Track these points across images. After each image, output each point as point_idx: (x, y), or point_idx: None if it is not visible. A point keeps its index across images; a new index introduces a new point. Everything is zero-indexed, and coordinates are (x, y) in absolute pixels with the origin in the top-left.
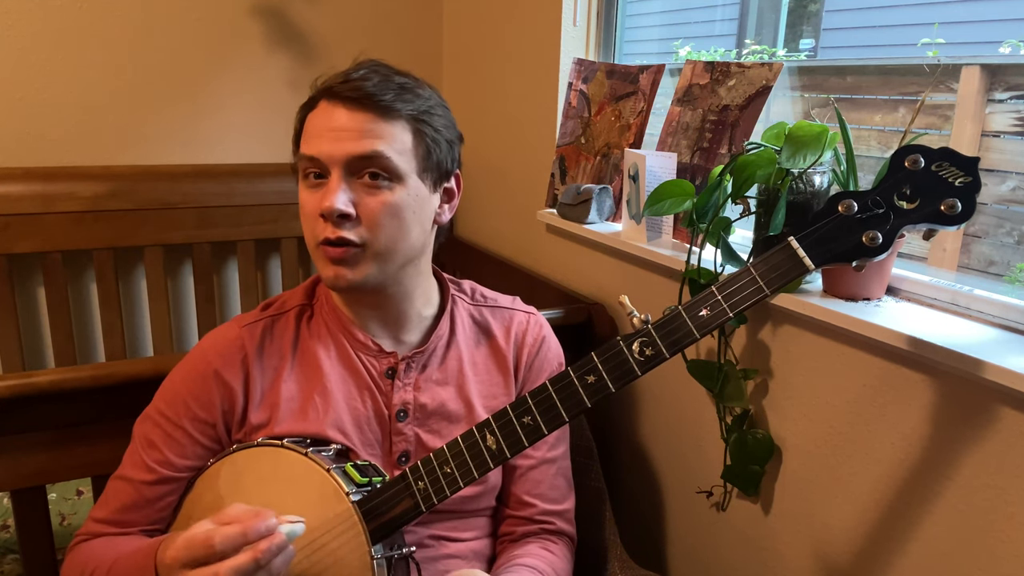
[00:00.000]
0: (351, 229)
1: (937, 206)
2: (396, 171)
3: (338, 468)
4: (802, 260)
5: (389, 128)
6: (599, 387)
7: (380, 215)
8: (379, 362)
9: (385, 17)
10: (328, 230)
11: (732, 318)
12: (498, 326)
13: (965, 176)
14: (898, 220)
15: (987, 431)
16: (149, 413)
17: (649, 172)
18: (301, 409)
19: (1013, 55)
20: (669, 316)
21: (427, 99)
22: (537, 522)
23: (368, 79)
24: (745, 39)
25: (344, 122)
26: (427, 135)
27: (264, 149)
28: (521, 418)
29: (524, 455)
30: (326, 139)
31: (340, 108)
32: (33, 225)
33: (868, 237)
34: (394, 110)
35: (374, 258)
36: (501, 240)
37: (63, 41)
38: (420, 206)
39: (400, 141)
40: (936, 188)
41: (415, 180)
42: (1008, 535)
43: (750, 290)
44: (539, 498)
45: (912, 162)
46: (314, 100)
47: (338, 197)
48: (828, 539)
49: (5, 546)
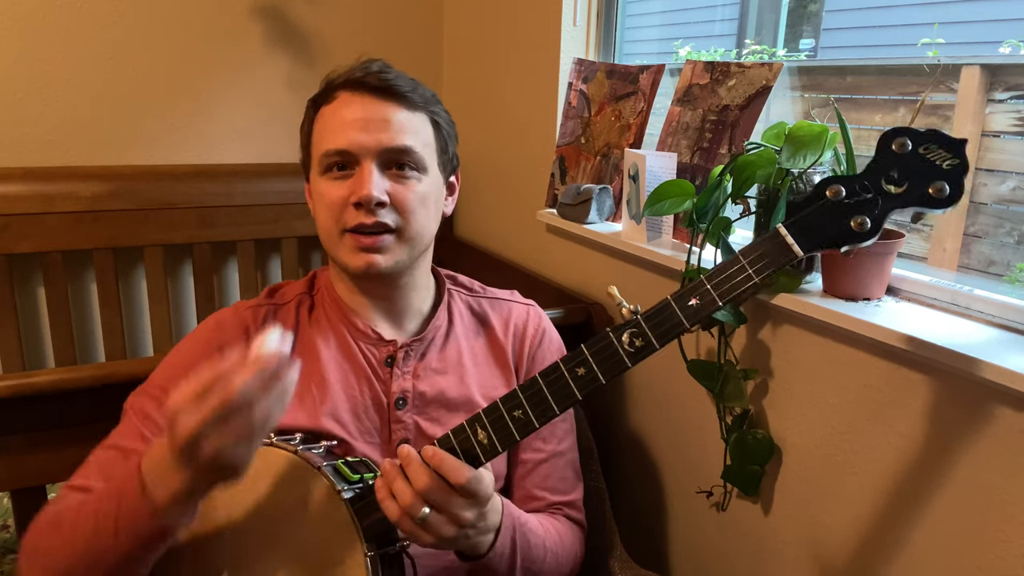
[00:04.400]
0: (387, 215)
1: (925, 189)
2: (423, 164)
3: (329, 465)
4: (791, 247)
5: (414, 119)
6: (589, 379)
7: (412, 203)
8: (378, 350)
9: (385, 17)
10: (362, 216)
11: (722, 307)
12: (496, 318)
13: (952, 158)
14: (886, 204)
15: (987, 431)
16: (145, 388)
17: (649, 172)
18: (298, 397)
19: (1013, 55)
20: (659, 307)
21: (433, 95)
22: (547, 513)
23: (387, 71)
24: (745, 39)
25: (372, 111)
26: (443, 128)
27: (264, 149)
28: (512, 411)
29: (534, 448)
30: (354, 129)
31: (366, 97)
32: (33, 225)
33: (856, 222)
34: (415, 102)
35: (406, 243)
36: (501, 240)
37: (63, 41)
38: (439, 197)
39: (424, 133)
40: (924, 171)
41: (436, 171)
42: (1008, 535)
43: (739, 278)
44: (548, 491)
45: (899, 145)
46: (329, 93)
47: (376, 184)
48: (828, 539)
49: (5, 546)
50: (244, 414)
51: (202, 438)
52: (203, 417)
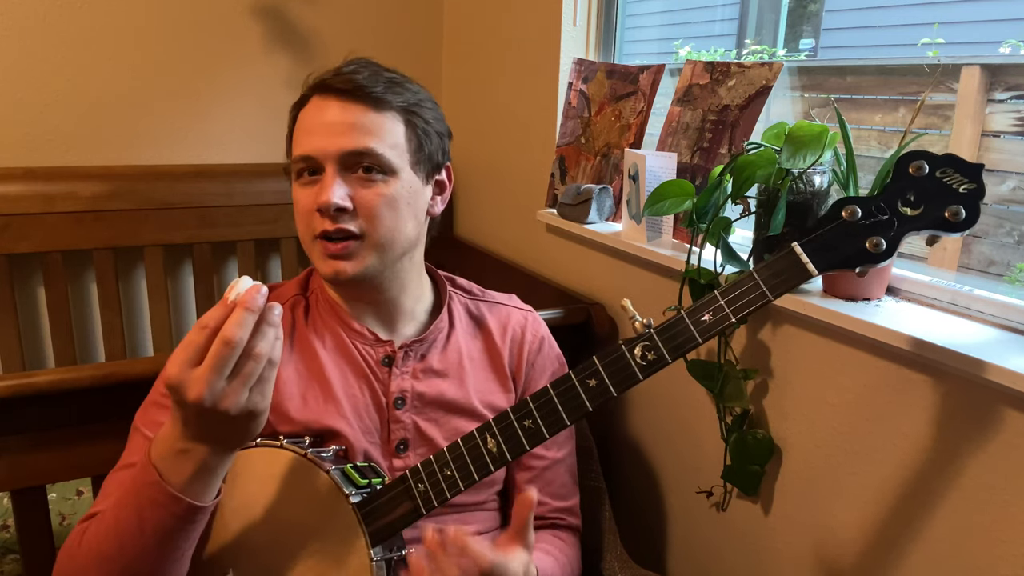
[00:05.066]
0: (350, 221)
1: (941, 213)
2: (390, 165)
3: (337, 469)
4: (805, 266)
5: (381, 120)
6: (600, 390)
7: (377, 207)
8: (375, 351)
9: (385, 17)
10: (326, 223)
11: (735, 323)
12: (494, 321)
13: (969, 183)
14: (902, 226)
15: (987, 431)
16: (153, 399)
17: (649, 172)
18: (301, 396)
19: (1013, 55)
20: (672, 321)
21: (416, 92)
22: (548, 519)
23: (359, 72)
24: (745, 39)
25: (336, 115)
26: (418, 127)
27: (264, 149)
28: (522, 421)
29: (537, 456)
30: (318, 134)
31: (332, 101)
32: (33, 225)
33: (872, 243)
34: (385, 101)
35: (373, 249)
36: (501, 240)
37: (63, 41)
38: (414, 198)
39: (393, 134)
40: (940, 195)
41: (408, 172)
42: (1009, 535)
43: (753, 295)
44: (551, 496)
45: (916, 168)
46: (305, 97)
47: (335, 191)
48: (828, 539)
49: (5, 546)
50: (245, 359)
51: (218, 399)
52: (208, 375)
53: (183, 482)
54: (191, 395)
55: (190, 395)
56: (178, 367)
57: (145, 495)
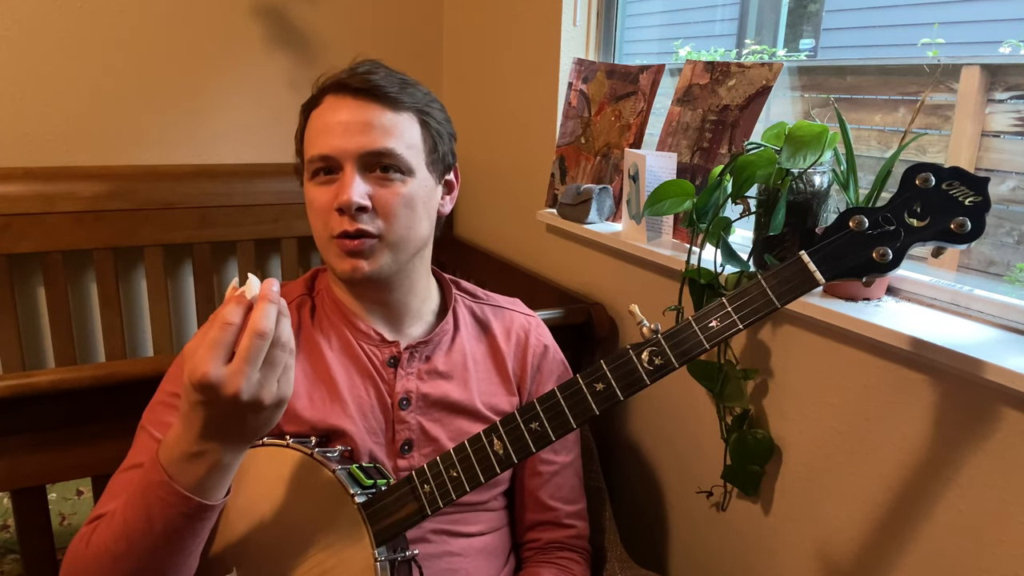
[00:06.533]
0: (369, 221)
1: (947, 225)
2: (408, 165)
3: (343, 469)
4: (813, 275)
5: (398, 120)
6: (608, 395)
7: (395, 206)
8: (381, 351)
9: (385, 17)
10: (345, 223)
11: (742, 329)
12: (498, 325)
13: (975, 196)
14: (908, 237)
15: (987, 431)
16: (159, 399)
17: (649, 172)
18: (308, 396)
19: (1013, 55)
20: (679, 327)
21: (426, 94)
22: (563, 526)
23: (373, 72)
24: (745, 39)
25: (354, 114)
26: (432, 128)
27: (264, 149)
28: (529, 424)
29: (547, 461)
30: (336, 133)
31: (348, 100)
32: (33, 225)
33: (878, 253)
34: (401, 102)
35: (390, 248)
36: (501, 240)
37: (62, 41)
38: (429, 198)
39: (409, 134)
40: (946, 207)
41: (424, 172)
42: (1008, 535)
43: (760, 302)
44: (561, 501)
45: (923, 180)
46: (318, 97)
47: (355, 190)
48: (828, 539)
49: (5, 546)
50: (273, 349)
51: (255, 390)
52: (244, 367)
53: (195, 483)
54: (229, 390)
55: (228, 390)
56: (210, 365)
57: (154, 494)
